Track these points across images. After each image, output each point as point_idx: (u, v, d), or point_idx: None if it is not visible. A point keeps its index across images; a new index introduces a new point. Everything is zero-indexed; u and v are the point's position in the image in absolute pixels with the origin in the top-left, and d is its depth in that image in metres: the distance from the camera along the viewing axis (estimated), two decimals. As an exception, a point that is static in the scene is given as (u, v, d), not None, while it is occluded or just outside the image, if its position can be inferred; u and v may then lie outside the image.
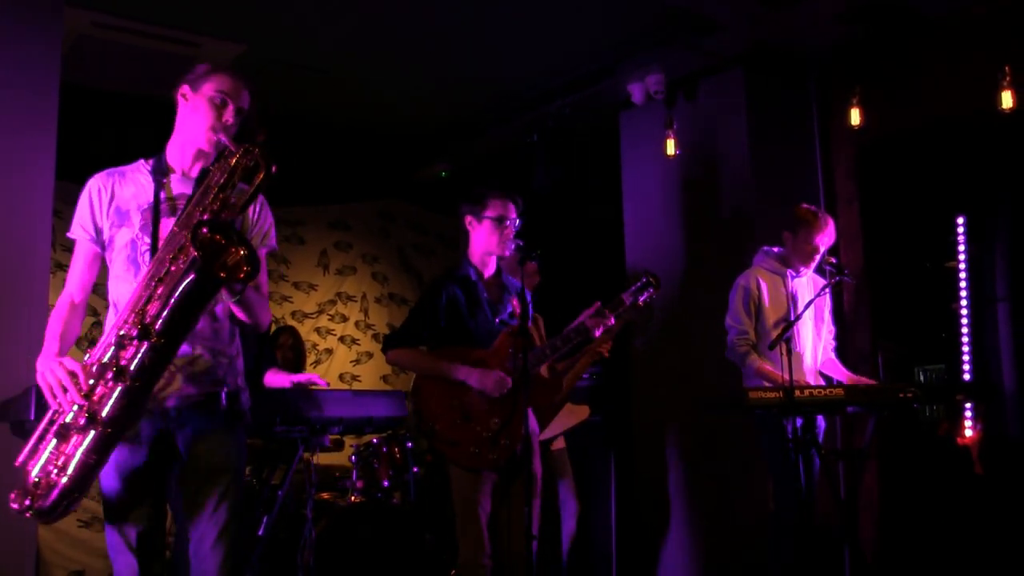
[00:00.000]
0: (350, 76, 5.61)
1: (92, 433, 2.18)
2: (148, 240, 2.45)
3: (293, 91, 5.71)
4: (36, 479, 2.20)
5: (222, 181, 2.32)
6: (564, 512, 4.83)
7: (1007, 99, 4.36)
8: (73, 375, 2.22)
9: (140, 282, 2.29)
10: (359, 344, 6.95)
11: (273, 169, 2.28)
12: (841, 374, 4.29)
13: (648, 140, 5.70)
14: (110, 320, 2.47)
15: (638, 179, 5.84)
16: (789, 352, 3.71)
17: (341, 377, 6.80)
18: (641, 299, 3.89)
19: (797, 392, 3.66)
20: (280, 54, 5.27)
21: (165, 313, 2.18)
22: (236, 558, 2.44)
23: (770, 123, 5.34)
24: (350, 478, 4.72)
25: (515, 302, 3.71)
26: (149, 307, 2.21)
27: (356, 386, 6.77)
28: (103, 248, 2.52)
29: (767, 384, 4.00)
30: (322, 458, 5.00)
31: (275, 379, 4.84)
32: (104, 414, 2.18)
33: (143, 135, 2.92)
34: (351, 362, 6.89)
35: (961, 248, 4.79)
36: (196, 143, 2.53)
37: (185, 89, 2.55)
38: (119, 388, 2.18)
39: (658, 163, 5.60)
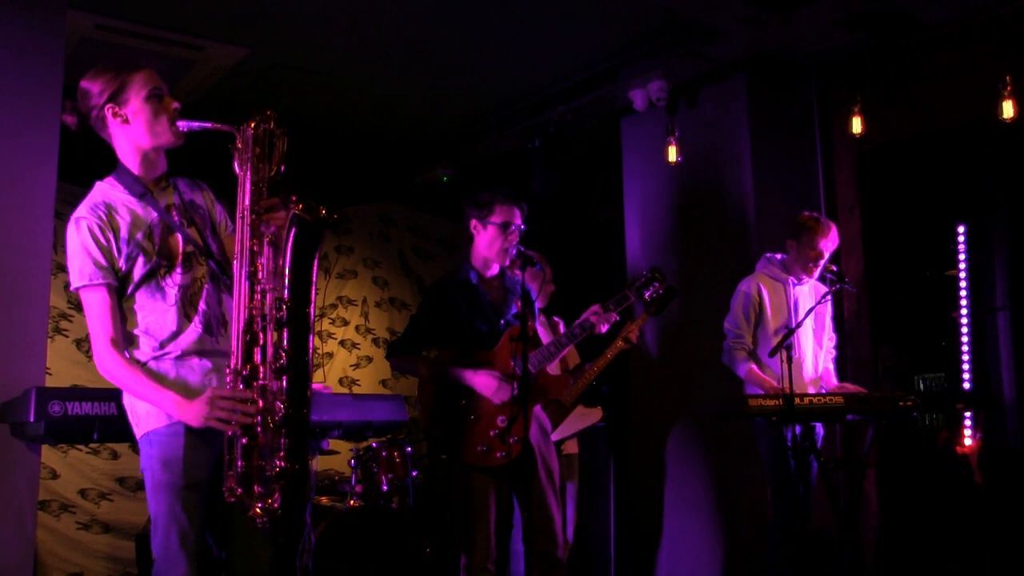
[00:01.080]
0: (352, 80, 5.61)
1: (285, 429, 2.21)
2: (166, 262, 2.40)
3: (295, 94, 5.72)
4: (255, 496, 2.22)
5: (257, 152, 2.32)
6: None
7: (1008, 109, 4.35)
8: (227, 398, 2.22)
9: (237, 279, 2.26)
10: (359, 348, 6.94)
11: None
12: (832, 387, 4.28)
13: (650, 147, 5.69)
14: (167, 342, 2.38)
15: (639, 185, 5.84)
16: (789, 359, 3.71)
17: (341, 381, 6.80)
18: (647, 294, 3.93)
19: (797, 400, 3.66)
20: (282, 58, 5.28)
21: (287, 280, 2.20)
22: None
23: (771, 130, 5.34)
24: (349, 482, 4.72)
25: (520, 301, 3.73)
26: (268, 296, 2.22)
27: (356, 390, 6.76)
28: (120, 283, 2.38)
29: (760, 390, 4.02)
30: (321, 461, 5.00)
31: None
32: (287, 402, 2.21)
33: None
34: (351, 366, 6.89)
35: (961, 256, 4.79)
36: (157, 147, 2.46)
37: (111, 108, 2.43)
38: (285, 377, 2.21)
39: (659, 169, 5.60)
